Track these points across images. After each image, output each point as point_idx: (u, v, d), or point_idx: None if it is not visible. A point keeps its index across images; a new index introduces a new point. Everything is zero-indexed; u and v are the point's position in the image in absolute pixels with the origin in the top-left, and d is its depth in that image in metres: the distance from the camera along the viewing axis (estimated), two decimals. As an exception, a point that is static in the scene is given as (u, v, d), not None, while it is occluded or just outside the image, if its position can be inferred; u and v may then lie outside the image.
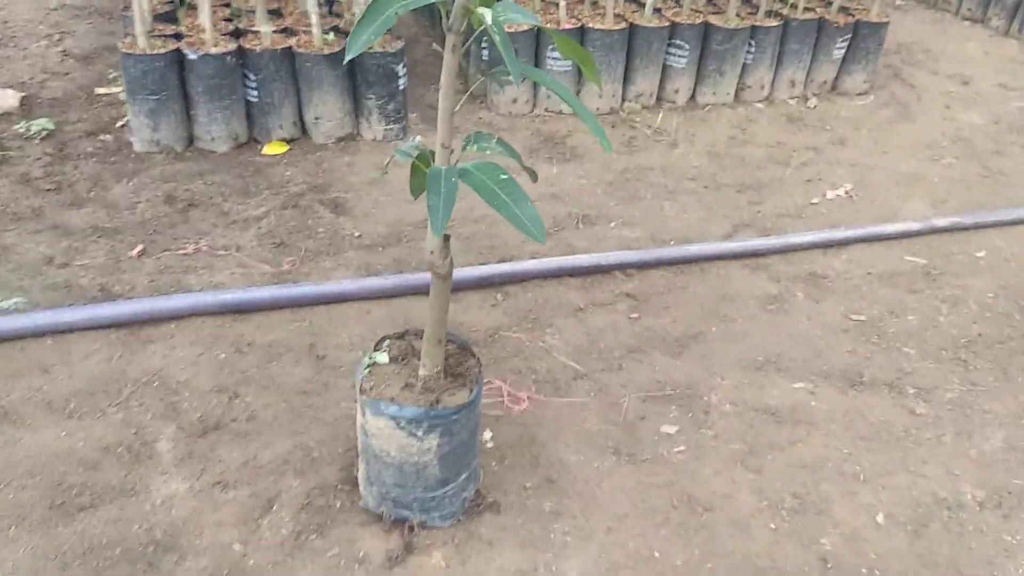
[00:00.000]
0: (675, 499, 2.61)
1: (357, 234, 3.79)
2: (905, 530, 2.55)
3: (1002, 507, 2.65)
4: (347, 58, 1.67)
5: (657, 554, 2.43)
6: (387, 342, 2.42)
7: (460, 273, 3.38)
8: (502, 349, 3.17)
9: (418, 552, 2.36)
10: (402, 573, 2.30)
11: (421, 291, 3.40)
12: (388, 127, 4.49)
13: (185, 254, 3.56)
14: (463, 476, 2.40)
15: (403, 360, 2.38)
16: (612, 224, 4.00)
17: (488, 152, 2.02)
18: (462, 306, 3.37)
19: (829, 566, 2.43)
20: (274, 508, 2.46)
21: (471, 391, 2.29)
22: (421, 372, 2.29)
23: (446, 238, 2.07)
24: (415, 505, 2.38)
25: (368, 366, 2.34)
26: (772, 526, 2.54)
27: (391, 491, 2.36)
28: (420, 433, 2.23)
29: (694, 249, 3.71)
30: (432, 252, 2.07)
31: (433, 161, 1.99)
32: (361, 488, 2.47)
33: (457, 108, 1.94)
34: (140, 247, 3.57)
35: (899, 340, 3.35)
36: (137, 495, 2.47)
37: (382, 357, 2.36)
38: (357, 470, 2.52)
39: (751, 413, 2.96)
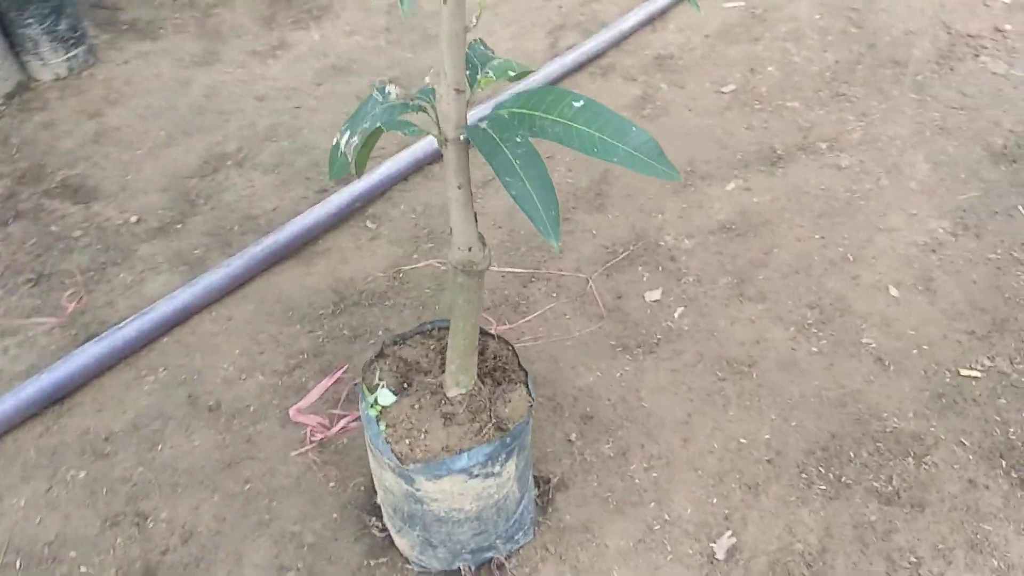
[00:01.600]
0: (716, 370, 2.28)
1: (133, 219, 2.74)
2: (919, 292, 2.47)
3: (970, 228, 2.65)
4: None
5: (743, 440, 2.13)
6: (376, 373, 1.71)
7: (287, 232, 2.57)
8: (417, 286, 2.51)
9: (521, 587, 1.85)
10: (522, 623, 1.80)
11: (283, 256, 2.57)
12: (70, 55, 3.22)
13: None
14: (531, 478, 1.87)
15: (409, 385, 1.70)
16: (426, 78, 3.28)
17: (496, 78, 1.31)
18: (333, 256, 2.60)
19: (887, 364, 2.29)
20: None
21: (524, 385, 1.70)
22: (452, 392, 1.65)
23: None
24: (498, 542, 1.83)
25: (376, 417, 1.64)
26: (815, 350, 2.33)
27: (468, 544, 1.78)
28: (498, 468, 1.63)
29: (539, 76, 3.14)
30: (469, 249, 1.38)
31: (436, 118, 1.26)
32: (413, 554, 1.85)
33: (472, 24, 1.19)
34: None
35: (777, 96, 3.16)
36: None
37: (386, 396, 1.66)
38: (389, 535, 1.89)
39: (711, 238, 2.65)
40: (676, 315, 2.43)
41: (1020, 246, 2.59)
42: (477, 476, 1.60)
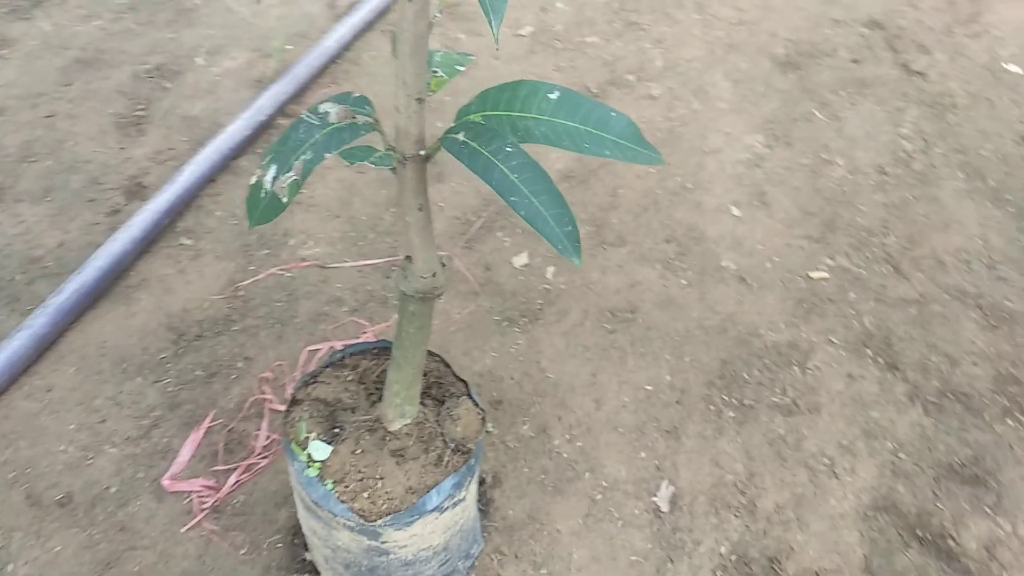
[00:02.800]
0: (604, 324, 2.26)
1: None
2: (756, 207, 2.60)
3: (780, 139, 2.82)
4: None
5: (649, 387, 2.14)
6: (301, 426, 1.47)
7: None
8: (264, 301, 2.22)
9: (487, 600, 1.74)
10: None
11: (93, 300, 2.15)
12: None
13: None
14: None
15: (340, 429, 1.49)
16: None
17: (448, 77, 1.12)
18: (153, 287, 2.22)
19: (749, 282, 2.40)
20: None
21: (467, 396, 1.55)
22: (396, 425, 1.46)
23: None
24: (459, 564, 1.69)
25: (318, 476, 1.41)
26: (684, 283, 2.38)
27: (433, 577, 1.63)
28: (463, 493, 1.49)
29: (331, 42, 2.84)
30: (434, 275, 1.17)
31: (392, 134, 1.05)
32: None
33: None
34: None
35: (574, 33, 3.13)
36: None
37: (320, 450, 1.43)
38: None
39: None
40: (549, 275, 2.36)
41: (824, 148, 2.81)
42: (447, 509, 1.45)
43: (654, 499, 1.93)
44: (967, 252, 2.53)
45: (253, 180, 1.04)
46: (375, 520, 1.37)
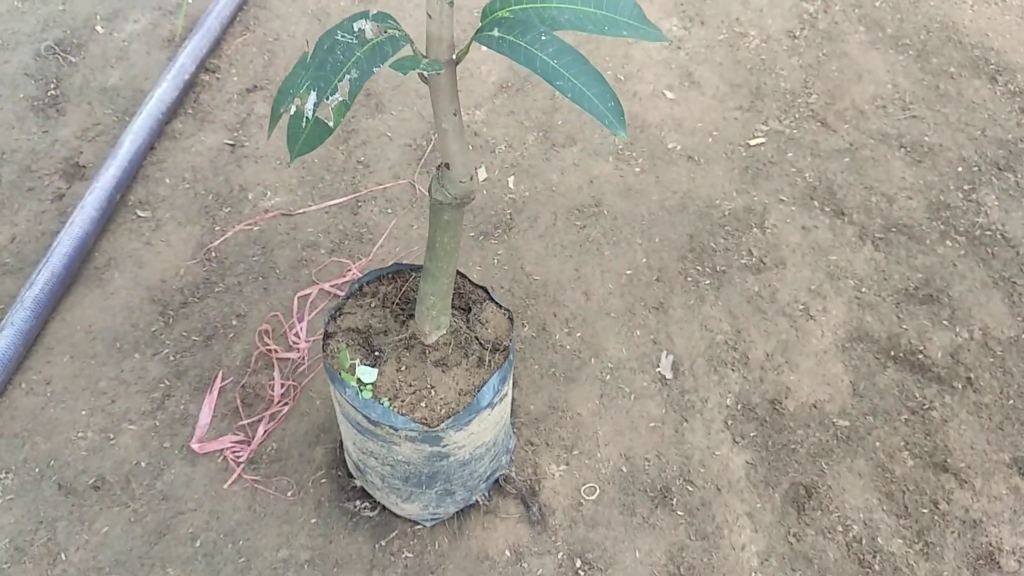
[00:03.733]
0: (575, 221, 2.35)
1: None
2: (687, 88, 2.71)
3: (694, 19, 2.92)
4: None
5: (629, 271, 2.26)
6: (344, 355, 1.51)
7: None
8: (241, 257, 2.21)
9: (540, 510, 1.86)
10: (546, 533, 1.82)
11: (67, 288, 2.09)
12: None
13: None
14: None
15: (379, 352, 1.54)
16: (94, 31, 2.70)
17: None
18: (123, 264, 2.18)
19: (697, 159, 2.52)
20: None
21: (490, 300, 1.62)
22: (432, 338, 1.53)
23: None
24: (502, 459, 1.79)
25: (373, 398, 1.47)
26: (638, 170, 2.49)
27: (484, 474, 1.72)
28: (507, 388, 1.58)
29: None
30: (470, 178, 1.22)
31: (423, 44, 1.08)
32: (427, 513, 1.75)
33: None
34: None
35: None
36: None
37: (368, 373, 1.49)
38: (384, 509, 1.76)
39: (496, 101, 2.63)
40: (511, 186, 2.42)
41: (736, 21, 2.93)
42: (496, 404, 1.54)
43: (658, 370, 2.07)
44: (882, 98, 2.73)
45: (293, 110, 1.06)
46: (438, 425, 1.45)
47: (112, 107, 2.51)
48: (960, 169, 2.55)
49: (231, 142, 2.46)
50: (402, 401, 1.47)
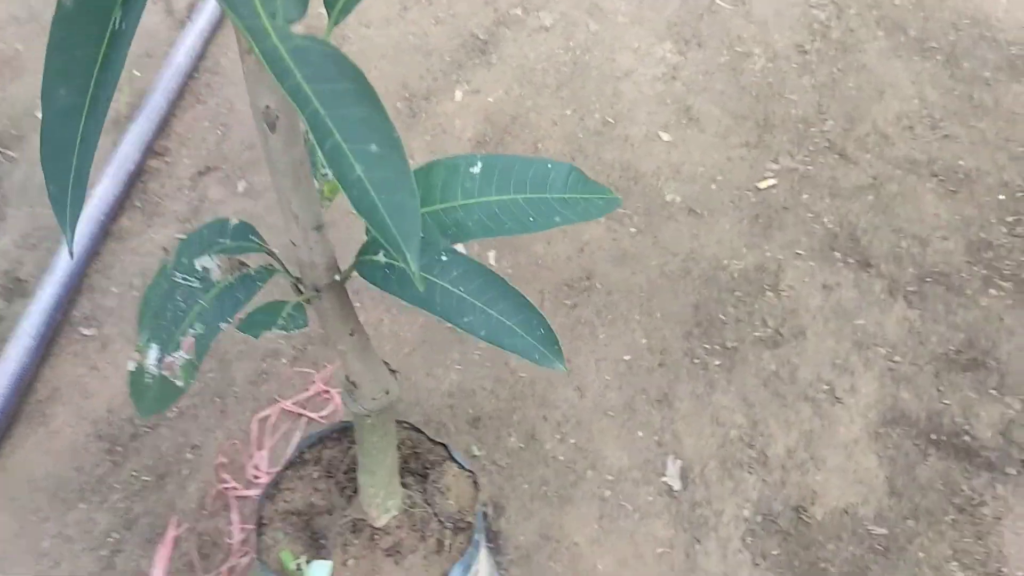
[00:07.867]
0: (564, 300, 2.10)
1: None
2: (685, 125, 2.42)
3: (690, 41, 2.61)
4: None
5: (627, 357, 2.00)
6: (287, 553, 1.29)
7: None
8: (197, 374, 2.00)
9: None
10: None
11: (5, 431, 1.91)
12: None
13: None
14: (479, 532, 1.60)
15: (323, 539, 1.32)
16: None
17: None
18: (67, 395, 1.98)
19: (699, 212, 2.25)
20: None
21: (451, 460, 1.39)
22: (382, 521, 1.30)
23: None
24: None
25: (311, 605, 1.25)
26: (633, 230, 2.22)
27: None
28: (476, 566, 1.34)
29: (180, 57, 2.51)
30: (387, 392, 0.98)
31: (294, 270, 0.84)
32: None
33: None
34: None
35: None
36: None
37: (321, 568, 1.26)
38: None
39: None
40: (492, 261, 2.18)
41: (737, 39, 2.62)
42: (462, 594, 1.31)
43: (664, 479, 1.83)
44: (908, 117, 2.41)
45: (132, 367, 0.83)
46: (389, 639, 1.23)
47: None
48: (1002, 197, 2.23)
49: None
50: (346, 609, 1.25)
